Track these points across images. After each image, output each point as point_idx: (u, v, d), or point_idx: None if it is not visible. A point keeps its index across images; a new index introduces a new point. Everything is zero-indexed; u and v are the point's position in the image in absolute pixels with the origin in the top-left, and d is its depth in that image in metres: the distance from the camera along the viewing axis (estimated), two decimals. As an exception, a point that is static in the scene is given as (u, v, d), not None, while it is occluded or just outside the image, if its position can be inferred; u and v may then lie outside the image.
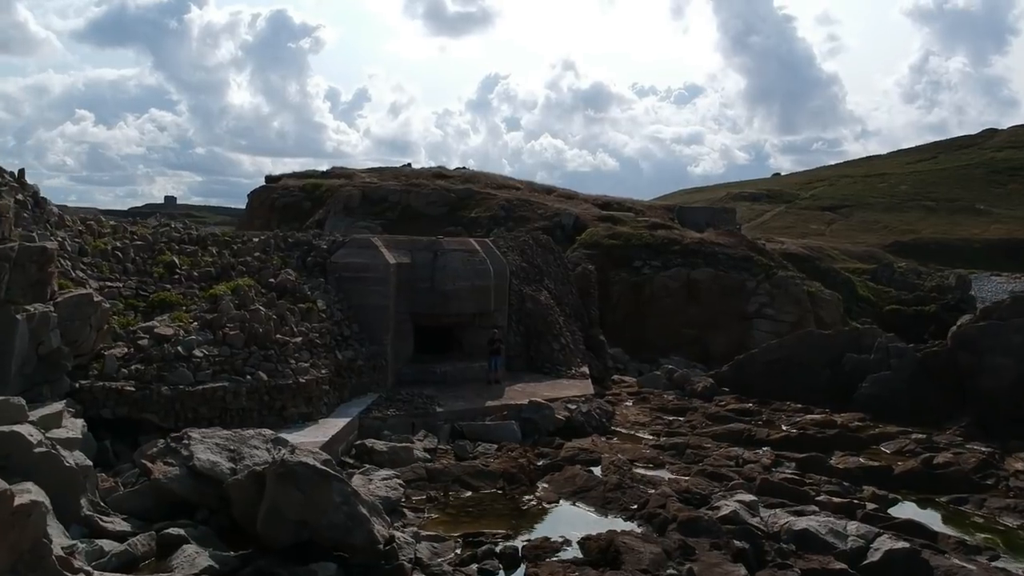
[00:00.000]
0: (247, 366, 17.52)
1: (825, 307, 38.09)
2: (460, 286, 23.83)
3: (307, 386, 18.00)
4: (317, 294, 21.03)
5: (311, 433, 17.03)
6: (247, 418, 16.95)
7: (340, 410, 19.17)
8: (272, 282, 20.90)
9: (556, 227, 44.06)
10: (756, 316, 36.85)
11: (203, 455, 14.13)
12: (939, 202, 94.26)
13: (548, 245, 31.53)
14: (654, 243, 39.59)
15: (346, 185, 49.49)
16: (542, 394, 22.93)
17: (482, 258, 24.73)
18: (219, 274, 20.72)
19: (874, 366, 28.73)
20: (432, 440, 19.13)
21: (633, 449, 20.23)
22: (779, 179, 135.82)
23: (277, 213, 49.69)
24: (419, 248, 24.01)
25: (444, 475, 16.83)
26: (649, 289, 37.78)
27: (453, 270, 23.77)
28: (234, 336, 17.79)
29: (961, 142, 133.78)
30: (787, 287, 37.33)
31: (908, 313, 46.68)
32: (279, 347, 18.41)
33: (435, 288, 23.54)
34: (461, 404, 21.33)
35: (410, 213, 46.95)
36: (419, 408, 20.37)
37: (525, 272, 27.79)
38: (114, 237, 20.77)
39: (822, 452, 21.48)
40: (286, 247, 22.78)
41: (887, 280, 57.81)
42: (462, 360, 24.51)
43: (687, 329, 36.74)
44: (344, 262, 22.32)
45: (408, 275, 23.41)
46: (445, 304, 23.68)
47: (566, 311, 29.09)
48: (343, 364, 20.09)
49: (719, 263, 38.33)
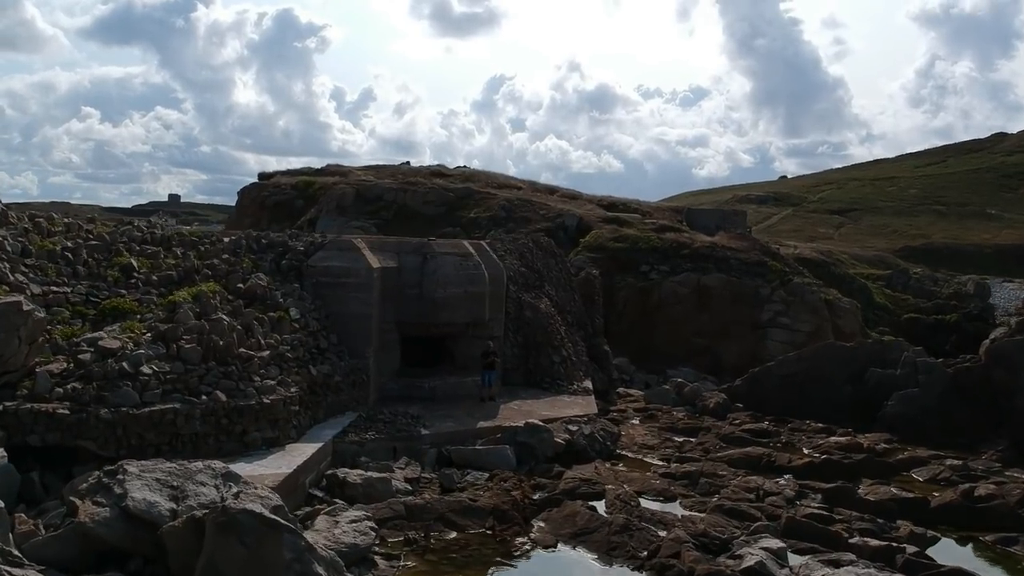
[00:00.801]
0: (203, 384, 15.43)
1: (843, 316, 35.89)
2: (451, 293, 21.69)
3: (273, 407, 15.88)
4: (290, 301, 18.90)
5: (274, 462, 14.95)
6: (201, 445, 14.91)
7: (312, 433, 17.05)
8: (240, 288, 18.79)
9: (559, 229, 41.88)
10: (770, 325, 34.67)
11: (139, 493, 12.06)
12: (949, 206, 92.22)
13: (549, 248, 29.32)
14: (662, 247, 37.31)
15: (340, 183, 47.40)
16: (540, 413, 20.82)
17: (476, 262, 22.62)
18: (181, 278, 18.62)
19: (901, 382, 26.78)
20: (415, 468, 17.02)
21: (641, 479, 18.11)
22: (786, 182, 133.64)
23: (268, 212, 47.63)
24: (407, 251, 21.86)
25: (426, 512, 14.75)
26: (657, 295, 35.61)
27: (444, 275, 21.63)
28: (190, 350, 15.67)
29: (970, 146, 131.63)
30: (803, 295, 35.14)
31: (928, 322, 44.45)
32: (242, 362, 16.30)
33: (424, 295, 21.39)
34: (450, 425, 19.20)
35: (406, 213, 44.86)
36: (402, 430, 18.24)
37: (524, 277, 25.62)
38: (66, 236, 18.68)
39: (848, 480, 20.21)
40: (259, 249, 20.61)
41: (903, 287, 56.09)
42: (453, 374, 22.38)
43: (697, 338, 34.59)
44: (322, 266, 20.17)
45: (394, 280, 21.28)
46: (435, 313, 21.52)
47: (568, 320, 26.94)
48: (317, 380, 17.97)
49: (731, 268, 36.13)
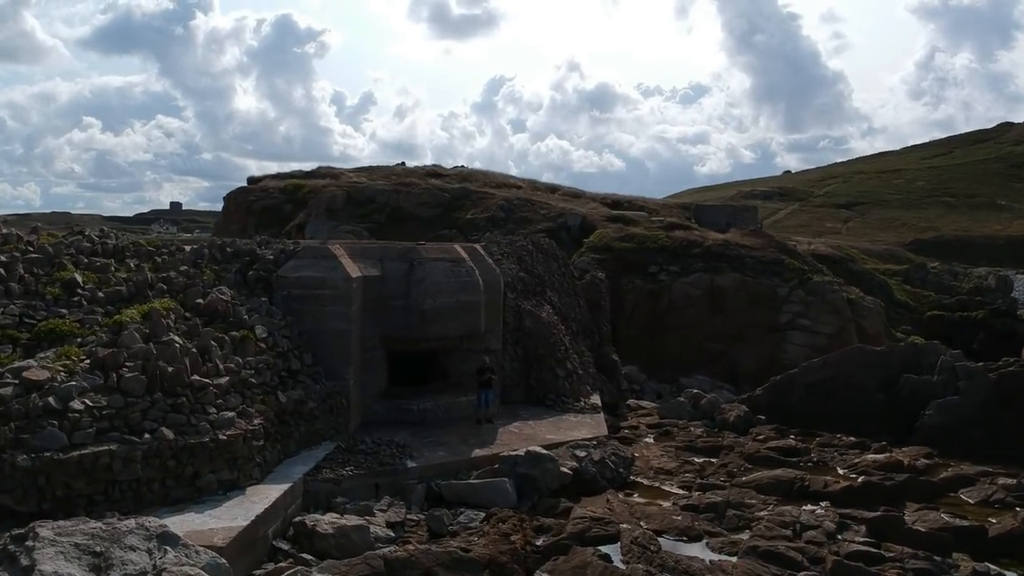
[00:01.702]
0: (147, 420, 13.17)
1: (867, 316, 33.53)
2: (442, 303, 19.41)
3: (231, 443, 13.61)
4: (257, 318, 16.60)
5: (230, 511, 12.68)
6: (144, 493, 12.68)
7: (280, 471, 14.76)
8: (200, 304, 16.51)
9: (561, 229, 39.57)
10: (789, 328, 32.31)
11: (50, 565, 9.73)
12: (958, 198, 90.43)
13: (551, 250, 27.00)
14: (672, 246, 34.92)
15: (330, 186, 45.12)
16: (544, 436, 18.53)
17: (469, 268, 20.33)
18: (132, 295, 16.33)
19: (938, 390, 24.45)
20: (399, 509, 14.70)
21: (660, 514, 15.77)
22: (790, 176, 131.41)
23: (254, 217, 45.35)
24: (391, 257, 19.55)
25: (410, 567, 12.42)
26: (667, 298, 33.26)
27: (434, 283, 19.34)
28: (132, 379, 13.40)
29: (976, 136, 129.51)
30: (824, 294, 32.76)
31: (952, 319, 42.07)
32: (195, 392, 14.02)
33: (411, 306, 19.09)
34: (441, 455, 16.89)
35: (400, 215, 42.60)
36: (385, 463, 15.92)
37: (523, 283, 23.30)
38: (0, 251, 16.41)
39: (892, 504, 17.95)
40: (223, 258, 18.32)
41: (921, 282, 54.03)
42: (446, 393, 20.08)
43: (711, 343, 32.24)
44: (294, 276, 17.87)
45: (377, 291, 18.99)
46: (424, 326, 19.22)
47: (572, 328, 24.63)
48: (287, 408, 15.68)
49: (746, 268, 33.75)
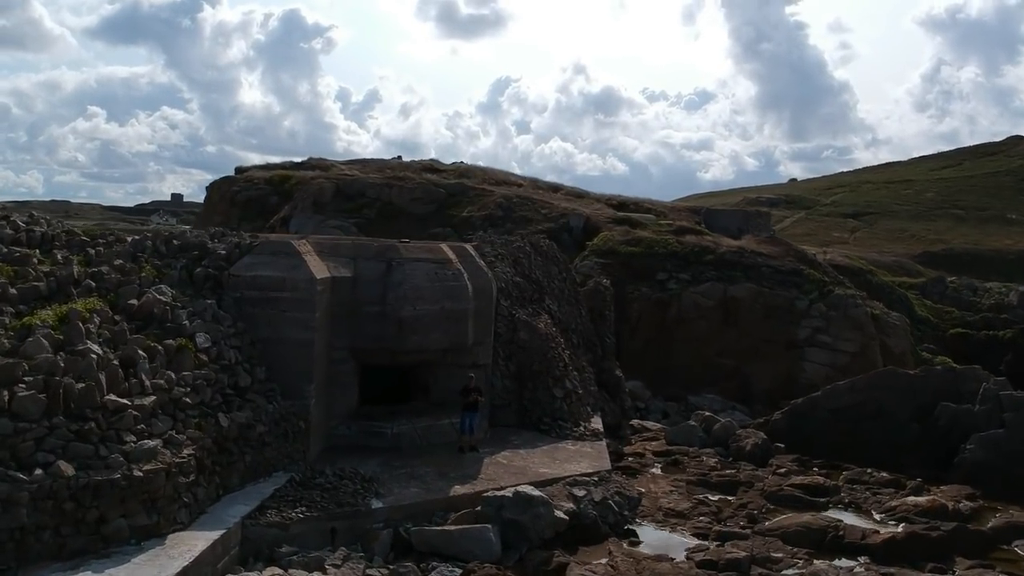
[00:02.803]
0: (42, 451, 10.57)
1: (893, 334, 30.94)
2: (424, 311, 16.79)
3: (149, 480, 11.00)
4: (199, 324, 13.98)
5: (140, 568, 10.12)
6: (31, 544, 10.11)
7: (215, 512, 12.15)
8: (133, 305, 13.90)
9: (562, 230, 36.95)
10: (808, 344, 29.72)
11: None
12: (968, 211, 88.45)
13: (551, 253, 24.37)
14: (682, 252, 32.29)
15: (319, 177, 42.51)
16: (536, 470, 15.92)
17: (457, 271, 17.72)
18: (52, 292, 13.71)
19: (980, 421, 21.91)
20: (357, 563, 12.08)
21: (672, 573, 13.14)
22: (796, 184, 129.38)
23: (238, 209, 42.74)
24: (366, 256, 16.92)
25: (362, 647, 9.85)
26: (676, 308, 30.65)
27: (414, 288, 16.72)
28: (27, 399, 10.79)
29: (986, 149, 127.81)
30: (846, 308, 30.16)
31: (978, 339, 39.44)
32: (109, 415, 11.41)
33: (387, 313, 16.46)
34: (414, 491, 14.27)
35: (391, 211, 39.98)
36: (345, 503, 13.29)
37: (519, 289, 20.69)
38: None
39: (939, 558, 15.59)
40: (168, 252, 15.68)
41: (939, 297, 51.53)
42: (425, 415, 17.45)
43: (723, 359, 29.66)
44: (248, 276, 15.22)
45: (348, 295, 16.36)
46: (401, 336, 16.59)
47: (573, 341, 22.02)
48: (230, 434, 13.07)
49: (762, 277, 31.14)
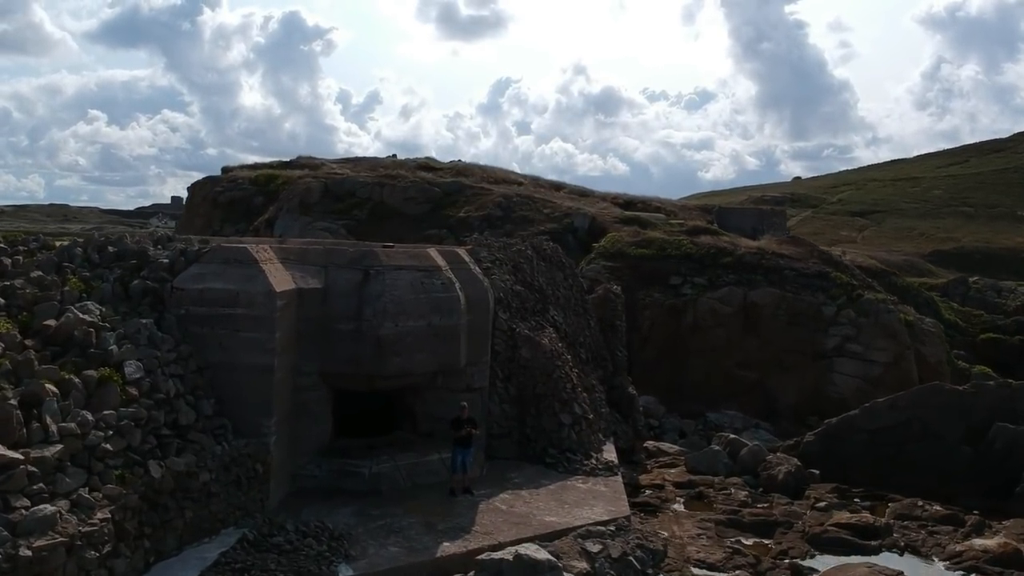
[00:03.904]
0: None
1: (927, 342, 28.37)
2: (407, 328, 14.27)
3: (41, 560, 8.48)
4: (129, 349, 11.45)
5: None
6: None
7: (137, 590, 9.65)
8: (50, 326, 11.38)
9: (566, 231, 34.42)
10: (837, 354, 27.16)
11: None
12: (977, 208, 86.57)
13: (555, 257, 21.83)
14: (698, 254, 29.72)
15: (306, 176, 39.99)
16: (542, 518, 13.38)
17: (447, 280, 15.19)
18: (-51, 311, 11.22)
19: (1044, 444, 19.26)
20: (318, 656, 9.57)
21: (714, 656, 10.62)
22: (801, 183, 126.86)
23: (220, 210, 40.24)
24: (339, 263, 14.40)
25: None
26: (692, 315, 28.12)
27: (396, 300, 14.20)
28: None
29: (992, 146, 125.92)
30: (878, 315, 27.60)
31: (1011, 344, 36.89)
32: (-7, 474, 8.90)
33: (364, 331, 13.94)
34: (393, 551, 11.73)
35: (383, 211, 37.47)
36: (306, 570, 10.73)
37: (520, 299, 18.15)
38: None
39: None
40: (101, 261, 13.17)
41: (962, 298, 49.15)
42: (411, 449, 14.91)
43: (743, 371, 27.13)
44: (195, 289, 12.71)
45: (317, 310, 13.84)
46: (381, 359, 14.07)
47: (581, 356, 19.48)
48: (164, 486, 10.55)
49: (785, 281, 28.59)
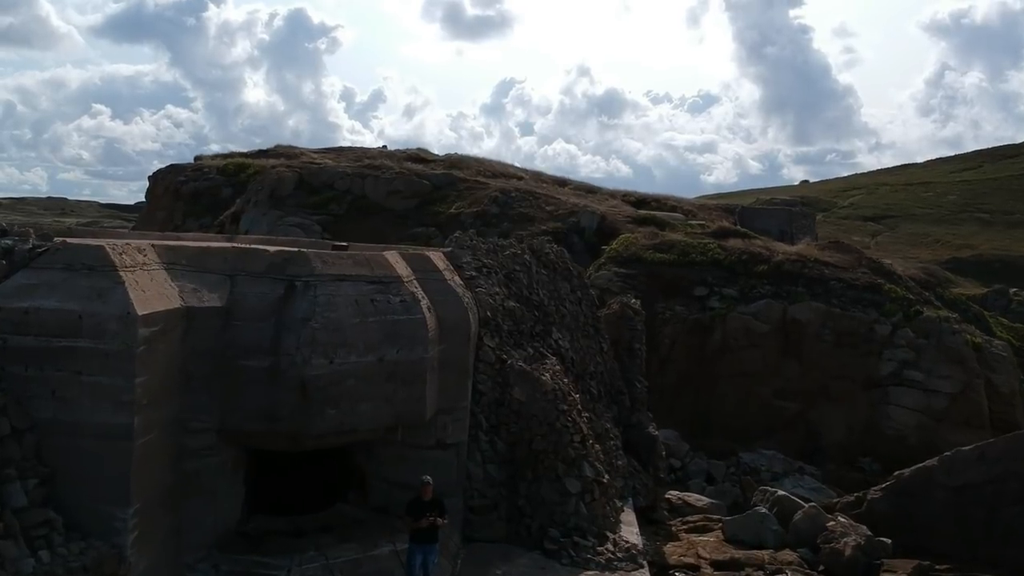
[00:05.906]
0: None
1: (998, 368, 24.02)
2: (348, 365, 9.88)
3: None
4: None
5: None
6: None
7: None
8: None
9: (572, 231, 30.10)
10: (894, 382, 22.86)
11: None
12: (994, 214, 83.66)
13: (560, 263, 17.41)
14: (727, 260, 25.30)
15: (280, 166, 35.67)
16: (539, 655, 9.03)
17: (410, 295, 10.80)
18: None
19: None
20: None
21: None
22: (809, 186, 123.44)
23: (183, 203, 35.95)
24: (252, 271, 10.02)
25: None
26: (721, 333, 23.79)
27: (331, 325, 9.81)
28: None
29: (1004, 151, 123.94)
30: (941, 335, 23.28)
31: (1075, 367, 32.69)
32: None
33: (283, 371, 9.56)
34: None
35: (364, 206, 33.28)
36: None
37: (514, 319, 13.76)
38: None
39: None
40: None
41: (1003, 311, 45.81)
42: (352, 536, 10.48)
43: (783, 401, 22.82)
44: (19, 310, 8.27)
45: (216, 339, 9.45)
46: (307, 411, 9.70)
47: (592, 391, 15.10)
48: None
49: (831, 294, 24.25)
